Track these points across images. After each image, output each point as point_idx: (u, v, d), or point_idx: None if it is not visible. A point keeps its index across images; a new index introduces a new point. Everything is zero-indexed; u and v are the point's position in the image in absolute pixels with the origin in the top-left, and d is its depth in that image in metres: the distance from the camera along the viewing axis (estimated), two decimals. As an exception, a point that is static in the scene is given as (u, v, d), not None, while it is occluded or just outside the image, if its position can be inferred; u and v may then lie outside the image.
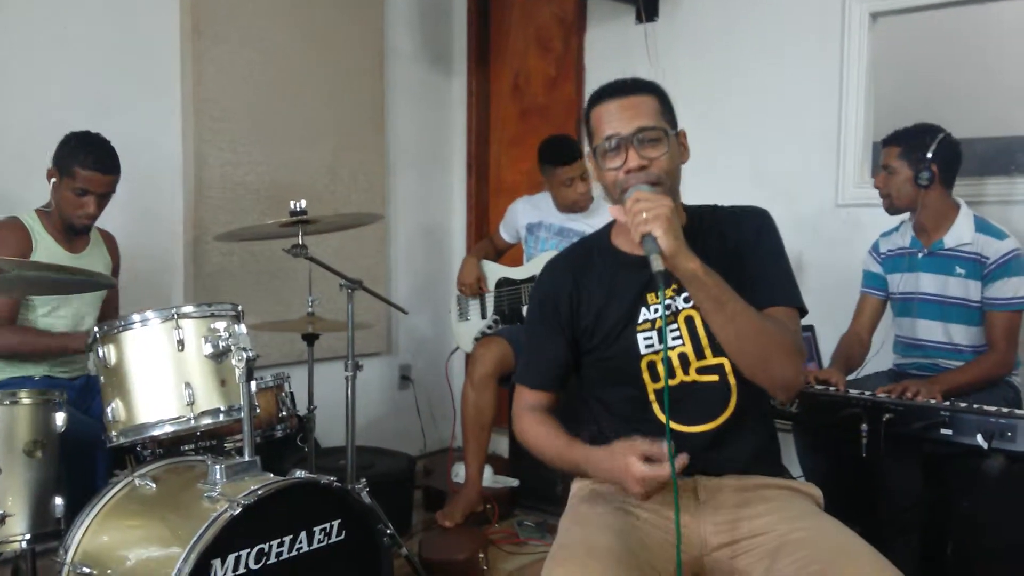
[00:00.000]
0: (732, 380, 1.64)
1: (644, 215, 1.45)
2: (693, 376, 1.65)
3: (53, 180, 2.57)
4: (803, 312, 1.69)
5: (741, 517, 1.57)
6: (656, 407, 1.67)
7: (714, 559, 1.57)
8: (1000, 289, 2.53)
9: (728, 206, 1.76)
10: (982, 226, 2.59)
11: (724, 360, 1.63)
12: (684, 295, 1.64)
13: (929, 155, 2.57)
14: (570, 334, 1.75)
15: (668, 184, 1.61)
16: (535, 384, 1.80)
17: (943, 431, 2.18)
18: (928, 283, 2.66)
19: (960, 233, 2.60)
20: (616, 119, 1.61)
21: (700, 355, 1.65)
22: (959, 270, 2.59)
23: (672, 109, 1.68)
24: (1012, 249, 2.53)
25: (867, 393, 2.38)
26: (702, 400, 1.65)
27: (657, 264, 1.42)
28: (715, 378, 1.64)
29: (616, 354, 1.68)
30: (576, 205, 3.43)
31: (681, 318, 1.65)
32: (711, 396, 1.65)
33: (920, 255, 2.68)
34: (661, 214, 1.44)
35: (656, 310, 1.66)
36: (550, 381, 1.79)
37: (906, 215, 2.75)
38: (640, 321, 1.67)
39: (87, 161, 2.51)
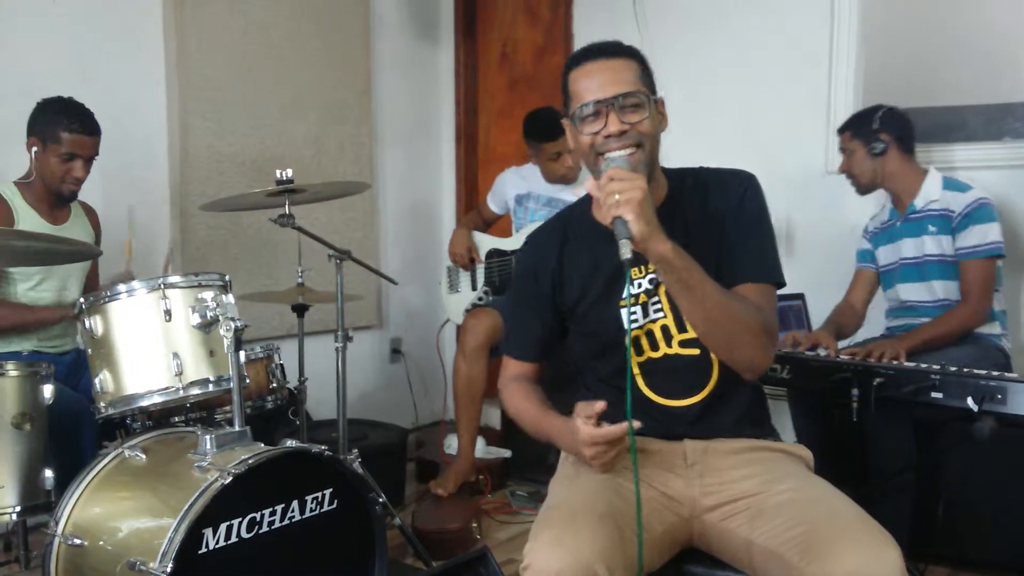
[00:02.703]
0: (709, 355, 1.63)
1: (616, 196, 1.40)
2: (676, 349, 1.64)
3: (35, 149, 2.52)
4: (780, 285, 1.66)
5: (731, 479, 1.58)
6: (641, 380, 1.66)
7: (705, 521, 1.58)
8: (967, 237, 2.59)
9: (713, 168, 1.73)
10: (949, 183, 2.68)
11: None
12: None
13: (876, 126, 2.71)
14: (553, 307, 1.76)
15: (648, 149, 1.57)
16: (518, 355, 1.82)
17: (933, 395, 2.19)
18: (907, 247, 2.73)
19: (928, 193, 2.68)
20: (596, 83, 1.56)
21: (682, 328, 1.63)
22: (931, 228, 2.67)
23: (651, 75, 1.63)
24: (976, 198, 2.60)
25: (857, 358, 2.39)
26: (685, 374, 1.65)
27: (626, 251, 1.38)
28: (696, 351, 1.63)
29: (600, 329, 1.67)
30: (564, 178, 3.42)
31: (662, 291, 1.63)
32: (693, 369, 1.64)
33: (898, 223, 2.76)
34: (633, 197, 1.39)
35: (640, 284, 1.65)
36: (533, 353, 1.81)
37: (885, 196, 2.82)
38: (623, 296, 1.64)
39: (72, 125, 2.48)
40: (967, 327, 2.57)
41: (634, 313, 1.65)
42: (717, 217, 1.64)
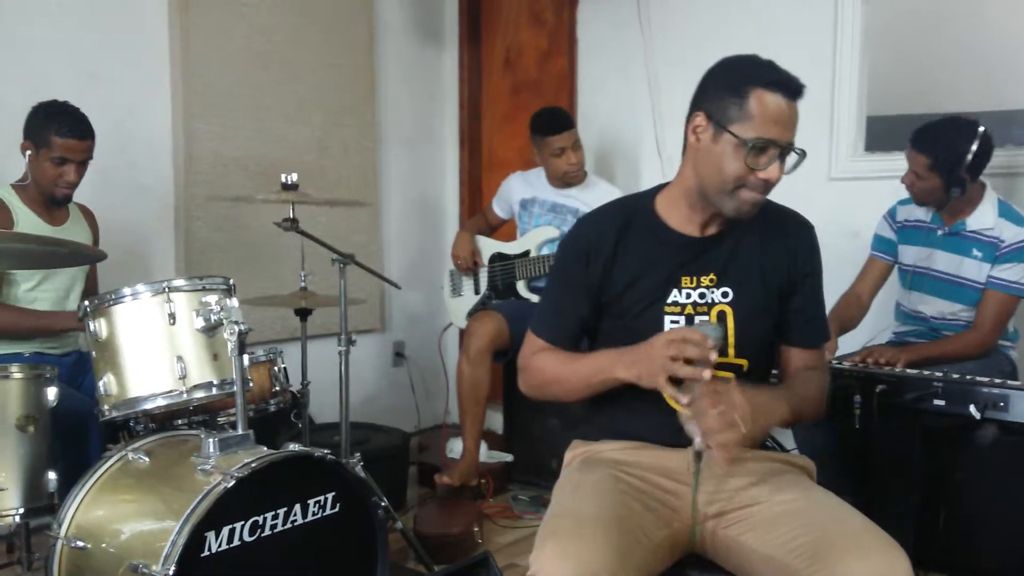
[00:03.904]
0: (744, 380, 1.63)
1: (711, 424, 1.39)
2: None
3: (28, 153, 2.53)
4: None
5: (734, 487, 1.58)
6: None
7: (707, 528, 1.58)
8: (1006, 271, 2.52)
9: (776, 204, 1.74)
10: (1005, 211, 2.56)
11: (744, 362, 1.65)
12: (722, 290, 1.65)
13: (963, 171, 2.48)
14: (597, 295, 1.69)
15: None
16: (549, 337, 1.72)
17: (936, 402, 2.19)
18: (943, 262, 2.64)
19: (983, 217, 2.56)
20: (785, 124, 1.58)
21: (723, 352, 1.63)
22: (976, 252, 2.57)
23: None
24: None
25: (860, 365, 2.39)
26: None
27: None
28: (730, 376, 1.63)
29: (640, 329, 1.62)
30: (568, 176, 3.40)
31: (714, 312, 1.64)
32: None
33: (939, 232, 2.65)
34: (730, 441, 1.38)
35: (688, 295, 1.65)
36: (566, 339, 1.72)
37: None
38: (669, 302, 1.65)
39: (62, 129, 2.48)
40: (969, 354, 2.53)
41: (676, 322, 1.64)
42: (777, 256, 1.69)
